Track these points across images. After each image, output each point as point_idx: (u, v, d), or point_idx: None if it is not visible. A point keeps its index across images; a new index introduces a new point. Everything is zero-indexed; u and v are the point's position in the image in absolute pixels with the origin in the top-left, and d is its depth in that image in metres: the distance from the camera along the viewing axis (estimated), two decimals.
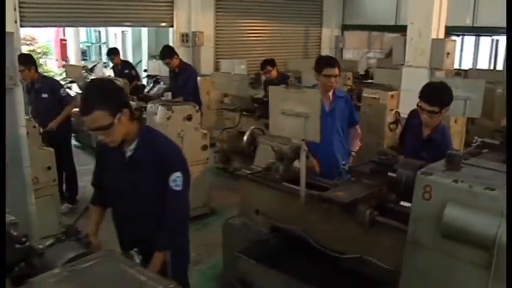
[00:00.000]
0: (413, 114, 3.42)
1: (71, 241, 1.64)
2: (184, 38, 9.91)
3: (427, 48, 4.82)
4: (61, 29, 13.45)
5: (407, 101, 4.99)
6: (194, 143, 4.51)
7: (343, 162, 3.03)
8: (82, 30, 15.60)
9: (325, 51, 12.25)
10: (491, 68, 9.78)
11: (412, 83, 4.87)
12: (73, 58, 12.41)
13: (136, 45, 14.14)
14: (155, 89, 9.82)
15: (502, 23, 8.84)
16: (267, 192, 3.18)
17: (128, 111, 2.05)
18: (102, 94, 2.01)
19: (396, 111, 4.30)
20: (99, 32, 16.69)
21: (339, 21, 12.08)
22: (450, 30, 6.61)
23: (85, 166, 6.17)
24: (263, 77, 6.82)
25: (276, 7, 11.14)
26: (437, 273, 2.24)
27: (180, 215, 2.19)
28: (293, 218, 3.02)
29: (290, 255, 2.99)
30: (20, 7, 8.37)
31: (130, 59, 14.59)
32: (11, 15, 2.55)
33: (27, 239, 1.91)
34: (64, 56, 13.22)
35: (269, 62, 6.31)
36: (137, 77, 8.23)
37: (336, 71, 3.57)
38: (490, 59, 10.14)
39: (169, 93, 5.23)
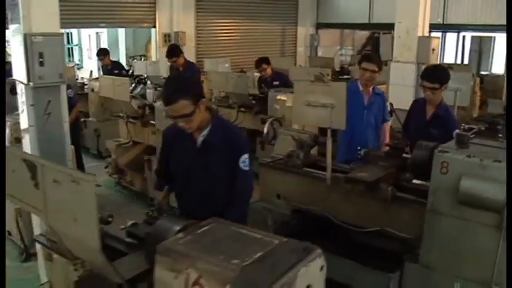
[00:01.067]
0: (416, 102, 3.81)
1: (169, 216, 1.86)
2: (166, 38, 10.06)
3: (413, 45, 5.28)
4: None
5: (396, 94, 5.43)
6: None
7: (359, 148, 3.37)
8: None
9: (301, 49, 12.70)
10: (458, 62, 10.51)
11: (399, 77, 5.29)
12: None
13: (112, 45, 14.06)
14: (138, 89, 9.92)
15: (470, 20, 9.48)
16: (289, 178, 3.47)
17: (205, 101, 2.29)
18: (185, 86, 2.25)
19: (390, 103, 4.72)
20: (70, 33, 16.41)
21: (313, 20, 12.55)
22: None
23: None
24: (256, 75, 7.09)
25: (254, 7, 11.48)
26: (455, 236, 2.61)
27: (246, 194, 2.44)
28: (315, 199, 3.34)
29: (314, 234, 3.30)
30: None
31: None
32: (56, 16, 2.68)
33: (112, 218, 2.14)
34: None
35: (264, 60, 6.58)
36: (127, 77, 8.31)
37: (372, 66, 3.87)
38: (456, 53, 10.89)
39: None
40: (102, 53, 8.23)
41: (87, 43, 15.55)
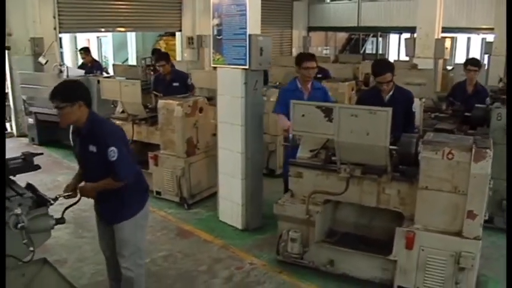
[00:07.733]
0: (458, 84, 5.73)
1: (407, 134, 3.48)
2: (190, 40, 11.45)
3: (431, 44, 7.26)
4: None
5: None
6: None
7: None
8: None
9: (294, 50, 14.56)
10: None
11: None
12: (69, 62, 13.23)
13: (119, 48, 15.07)
14: None
15: (446, 24, 11.57)
16: None
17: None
18: (389, 64, 3.96)
19: None
20: (61, 38, 16.94)
21: (305, 24, 14.44)
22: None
23: None
24: None
25: None
26: (504, 155, 4.50)
27: (414, 122, 4.16)
28: None
29: None
30: (59, 15, 9.40)
31: (110, 61, 15.43)
32: (258, 23, 4.11)
33: None
34: None
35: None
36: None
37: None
38: None
39: None
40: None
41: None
